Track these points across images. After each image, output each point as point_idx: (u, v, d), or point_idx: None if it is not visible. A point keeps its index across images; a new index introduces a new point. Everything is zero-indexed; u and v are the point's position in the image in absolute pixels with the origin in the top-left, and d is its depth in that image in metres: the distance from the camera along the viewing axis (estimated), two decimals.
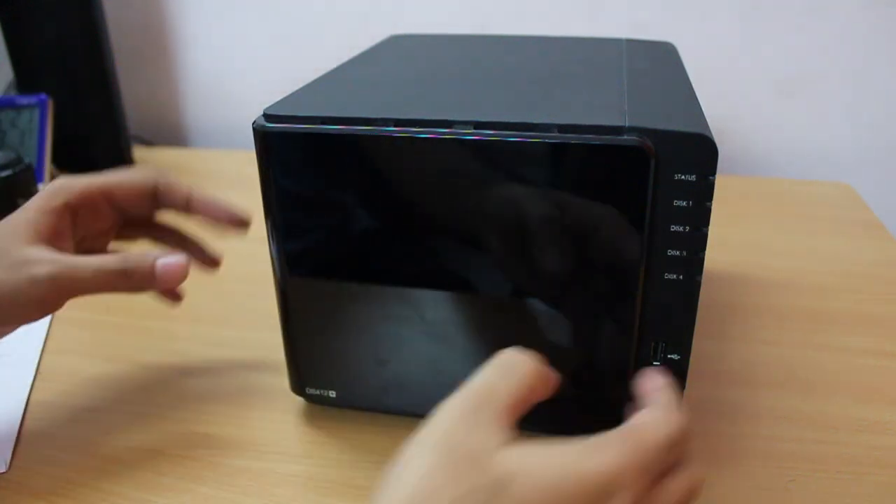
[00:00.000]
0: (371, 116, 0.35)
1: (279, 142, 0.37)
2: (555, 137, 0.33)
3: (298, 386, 0.44)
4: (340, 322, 0.40)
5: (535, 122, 0.34)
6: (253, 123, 0.37)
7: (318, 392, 0.43)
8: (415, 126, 0.35)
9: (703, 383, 0.47)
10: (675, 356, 0.38)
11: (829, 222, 0.70)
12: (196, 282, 0.61)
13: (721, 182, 0.87)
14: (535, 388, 0.29)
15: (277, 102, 0.38)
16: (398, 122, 0.35)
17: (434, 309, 0.39)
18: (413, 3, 0.87)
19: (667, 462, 0.28)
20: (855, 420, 0.43)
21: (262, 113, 0.37)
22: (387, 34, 0.60)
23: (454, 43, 0.55)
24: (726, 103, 0.84)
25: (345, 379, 0.42)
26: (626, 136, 0.33)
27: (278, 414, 0.45)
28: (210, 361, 0.50)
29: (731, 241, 0.66)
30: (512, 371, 0.29)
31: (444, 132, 0.35)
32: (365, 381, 0.42)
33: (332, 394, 0.43)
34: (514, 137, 0.34)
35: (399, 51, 0.53)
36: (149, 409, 0.46)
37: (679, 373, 0.38)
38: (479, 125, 0.34)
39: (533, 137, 0.34)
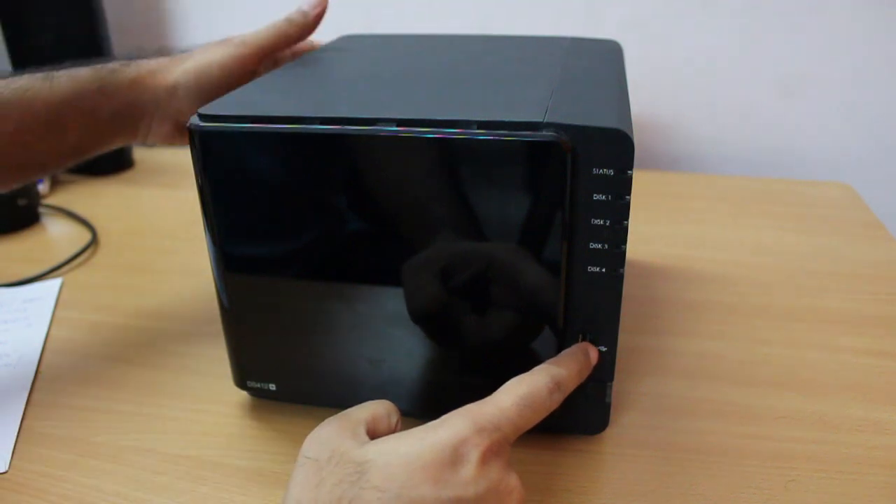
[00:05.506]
0: (299, 115, 0.36)
1: (213, 141, 0.37)
2: (474, 133, 0.34)
3: (240, 379, 0.44)
4: (277, 317, 0.41)
5: (456, 118, 0.34)
6: (187, 123, 0.37)
7: (258, 385, 0.44)
8: (340, 124, 0.35)
9: (703, 383, 0.47)
10: (602, 348, 0.38)
11: (829, 222, 0.70)
12: (196, 282, 0.61)
13: (721, 182, 0.87)
14: (385, 411, 0.35)
15: (214, 102, 0.39)
16: (324, 121, 0.36)
17: (367, 303, 0.39)
18: (413, 3, 0.87)
19: (522, 418, 0.32)
20: (855, 420, 0.43)
21: (197, 113, 0.38)
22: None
23: (401, 43, 0.56)
24: (726, 103, 0.84)
25: (283, 373, 0.43)
26: (543, 132, 0.33)
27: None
28: (211, 361, 0.50)
29: (730, 241, 0.66)
30: (366, 403, 0.35)
31: (367, 129, 0.35)
32: (303, 374, 0.43)
33: (273, 387, 0.44)
34: (433, 134, 0.34)
35: (344, 51, 0.54)
36: (148, 409, 0.46)
37: (607, 364, 0.39)
38: (402, 122, 0.35)
39: (453, 134, 0.34)
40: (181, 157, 0.94)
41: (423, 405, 0.42)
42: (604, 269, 0.36)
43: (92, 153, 0.48)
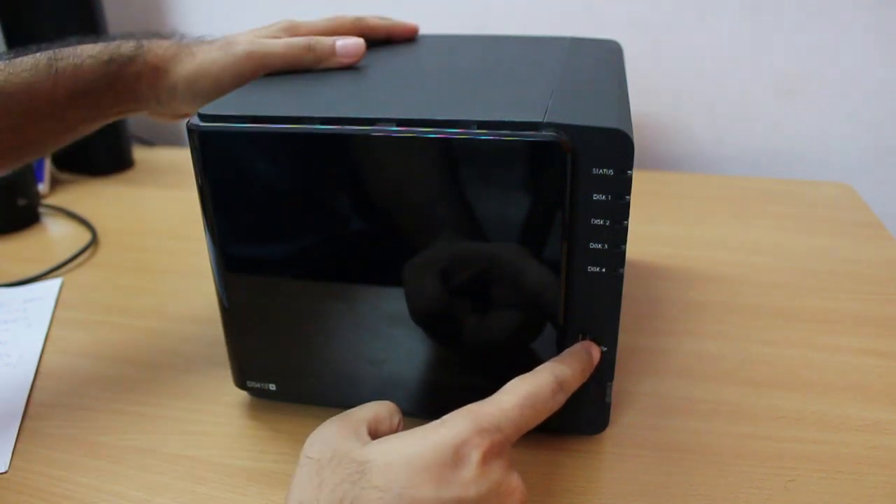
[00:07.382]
0: (299, 115, 0.36)
1: (213, 141, 0.37)
2: (474, 133, 0.34)
3: (240, 379, 0.44)
4: (277, 317, 0.41)
5: (456, 118, 0.34)
6: (187, 123, 0.37)
7: (258, 385, 0.44)
8: (340, 124, 0.35)
9: (702, 383, 0.47)
10: (602, 348, 0.38)
11: (829, 222, 0.70)
12: (196, 282, 0.61)
13: (721, 182, 0.87)
14: (387, 412, 0.35)
15: (214, 102, 0.39)
16: (324, 121, 0.36)
17: (368, 303, 0.39)
18: (413, 3, 0.87)
19: (524, 418, 0.32)
20: (855, 420, 0.43)
21: (197, 113, 0.38)
22: None
23: (400, 42, 0.56)
24: (726, 103, 0.84)
25: (283, 373, 0.43)
26: (542, 132, 0.33)
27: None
28: (211, 361, 0.50)
29: (730, 241, 0.66)
30: (368, 404, 0.36)
31: (368, 129, 0.35)
32: (303, 374, 0.43)
33: (272, 387, 0.44)
34: (433, 134, 0.34)
35: None
36: (148, 409, 0.46)
37: (607, 364, 0.39)
38: (402, 122, 0.35)
39: (453, 134, 0.34)
40: (181, 157, 0.94)
41: (425, 405, 0.42)
42: (604, 269, 0.36)
43: (89, 132, 0.49)
